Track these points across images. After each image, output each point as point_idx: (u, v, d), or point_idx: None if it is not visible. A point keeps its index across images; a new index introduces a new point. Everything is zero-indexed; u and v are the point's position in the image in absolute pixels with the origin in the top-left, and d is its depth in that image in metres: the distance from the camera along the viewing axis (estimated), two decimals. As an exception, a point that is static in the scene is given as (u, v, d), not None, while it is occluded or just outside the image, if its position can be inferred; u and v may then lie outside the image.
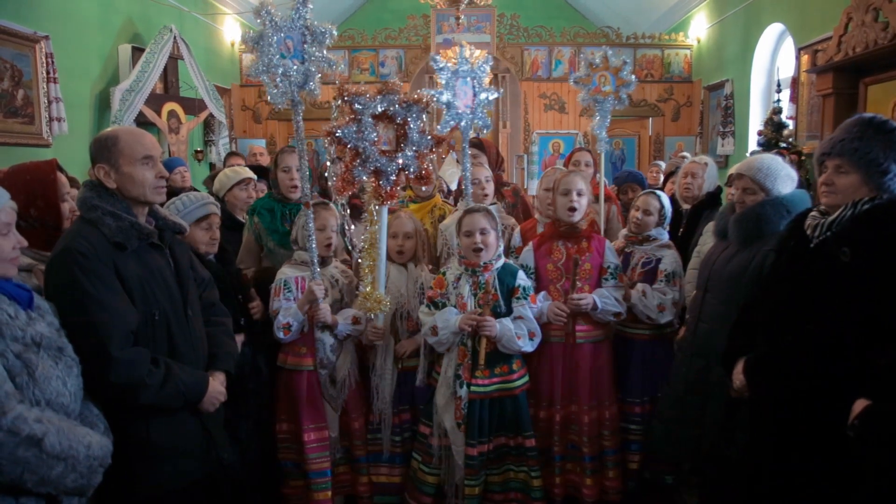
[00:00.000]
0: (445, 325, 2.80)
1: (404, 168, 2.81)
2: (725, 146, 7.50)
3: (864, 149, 2.01)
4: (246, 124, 9.03)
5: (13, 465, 1.56)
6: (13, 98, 4.62)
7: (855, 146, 2.02)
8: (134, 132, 2.12)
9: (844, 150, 2.05)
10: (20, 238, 1.75)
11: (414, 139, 2.79)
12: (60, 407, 1.71)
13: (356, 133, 2.68)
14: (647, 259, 3.28)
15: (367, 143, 2.71)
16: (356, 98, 2.66)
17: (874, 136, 2.02)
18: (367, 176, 2.77)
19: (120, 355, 1.89)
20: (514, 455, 2.97)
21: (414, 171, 2.84)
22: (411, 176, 2.86)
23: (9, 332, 1.63)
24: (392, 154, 2.78)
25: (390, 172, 2.78)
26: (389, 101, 2.72)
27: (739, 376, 2.31)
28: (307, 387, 2.90)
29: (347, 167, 2.72)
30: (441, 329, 2.80)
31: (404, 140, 2.79)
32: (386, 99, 2.71)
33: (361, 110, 2.67)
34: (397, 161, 2.78)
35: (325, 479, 2.92)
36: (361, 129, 2.68)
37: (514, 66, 8.93)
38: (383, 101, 2.70)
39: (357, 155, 2.72)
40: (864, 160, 2.01)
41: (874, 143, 2.01)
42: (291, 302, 2.83)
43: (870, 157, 2.00)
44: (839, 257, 2.00)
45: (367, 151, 2.71)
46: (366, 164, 2.73)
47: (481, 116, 3.24)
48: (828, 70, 4.77)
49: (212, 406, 2.18)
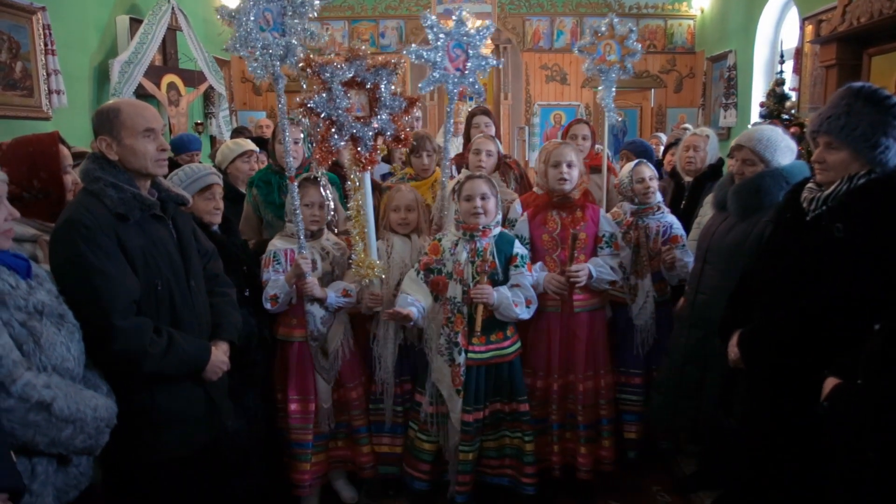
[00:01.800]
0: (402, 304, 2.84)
1: (381, 132, 2.81)
2: (728, 118, 7.47)
3: (851, 125, 1.99)
4: (246, 96, 8.99)
5: (25, 429, 1.62)
6: (11, 70, 4.60)
7: (842, 123, 2.00)
8: (136, 104, 2.12)
9: (832, 128, 2.03)
10: (12, 210, 1.76)
11: (386, 102, 2.78)
12: (66, 372, 1.76)
13: (328, 102, 2.66)
14: (663, 227, 3.31)
15: (341, 111, 2.69)
16: (324, 67, 2.63)
17: (862, 110, 2.00)
18: (345, 143, 2.76)
19: (122, 324, 1.92)
20: (508, 421, 3.00)
21: (391, 134, 2.83)
22: (388, 139, 2.85)
23: (12, 302, 1.67)
24: (367, 119, 2.77)
25: (367, 138, 2.77)
26: (357, 66, 2.70)
27: (734, 349, 2.34)
28: (297, 358, 2.93)
29: (324, 137, 2.71)
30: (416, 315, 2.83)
31: (377, 104, 2.78)
32: (353, 65, 2.69)
33: (330, 79, 2.64)
34: (373, 125, 2.77)
35: (306, 450, 2.95)
36: (333, 98, 2.66)
37: (516, 36, 8.85)
38: (351, 68, 2.68)
39: (332, 124, 2.70)
40: (851, 136, 1.99)
41: (862, 117, 1.99)
42: (280, 274, 2.85)
43: (857, 133, 1.98)
44: (833, 233, 2.00)
45: (342, 119, 2.70)
46: (342, 131, 2.72)
47: (473, 82, 3.19)
48: (831, 41, 4.73)
49: (215, 375, 2.22)
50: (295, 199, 2.78)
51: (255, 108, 8.89)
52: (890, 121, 1.97)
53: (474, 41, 3.13)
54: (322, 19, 8.66)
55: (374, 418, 3.11)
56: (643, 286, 3.25)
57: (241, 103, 8.85)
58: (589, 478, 3.13)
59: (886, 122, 1.97)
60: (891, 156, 1.99)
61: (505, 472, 3.07)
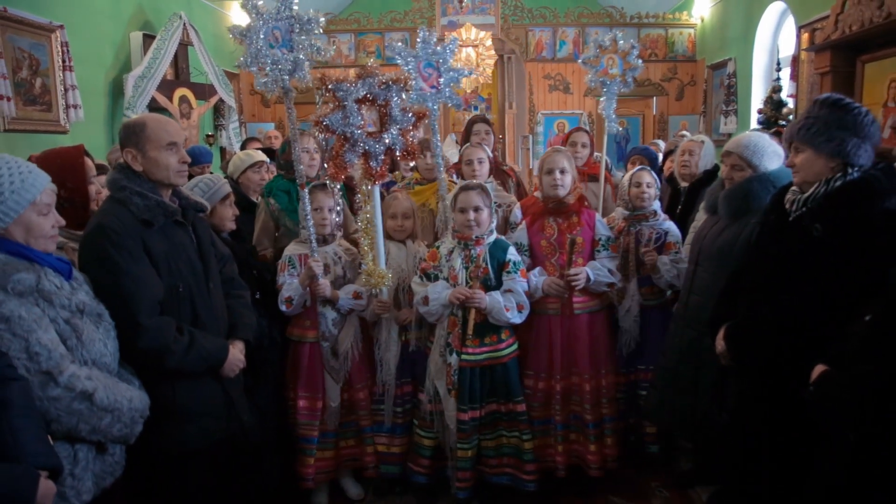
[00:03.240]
0: (437, 297, 2.93)
1: (391, 147, 2.95)
2: (728, 125, 7.57)
3: (807, 125, 2.16)
4: (255, 108, 9.16)
5: (70, 417, 1.78)
6: (31, 86, 4.77)
7: (799, 126, 2.18)
8: (160, 120, 2.27)
9: (794, 133, 2.21)
10: (59, 217, 1.93)
11: (396, 118, 2.93)
12: (104, 366, 1.93)
13: (342, 120, 2.82)
14: (657, 234, 3.38)
15: (354, 128, 2.84)
16: (338, 85, 2.79)
17: (819, 113, 2.17)
18: (357, 158, 2.90)
19: (148, 323, 2.07)
20: (505, 420, 3.09)
21: (401, 149, 2.98)
22: (398, 154, 2.99)
23: (57, 301, 1.84)
24: (377, 135, 2.92)
25: (378, 153, 2.92)
26: (369, 84, 2.85)
27: (721, 342, 2.45)
28: (308, 357, 3.06)
29: (337, 153, 2.86)
30: (432, 300, 2.93)
31: (388, 119, 2.93)
32: (366, 83, 2.84)
33: (344, 96, 2.80)
34: (384, 141, 2.92)
35: (311, 445, 3.08)
36: (346, 115, 2.81)
37: (519, 46, 9.00)
38: (364, 85, 2.83)
39: (346, 140, 2.85)
40: (808, 135, 2.16)
41: (819, 118, 2.15)
42: (294, 277, 2.99)
43: (813, 132, 2.15)
44: (812, 232, 2.12)
45: (355, 136, 2.85)
46: (355, 147, 2.87)
47: (450, 96, 3.32)
48: (825, 48, 4.83)
49: (232, 372, 2.35)
50: (306, 205, 2.92)
51: (264, 119, 9.05)
52: (843, 116, 2.12)
53: (443, 57, 3.27)
54: (329, 32, 8.83)
55: (376, 418, 3.22)
56: (629, 290, 3.34)
57: (250, 115, 9.02)
58: (600, 474, 3.19)
59: (840, 117, 2.13)
60: (852, 149, 2.12)
61: (505, 470, 3.15)
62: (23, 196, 1.80)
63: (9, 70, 4.45)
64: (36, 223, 1.84)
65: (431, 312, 2.98)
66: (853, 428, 1.86)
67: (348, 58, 8.98)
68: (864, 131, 2.13)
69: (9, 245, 1.80)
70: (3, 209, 1.77)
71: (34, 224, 1.83)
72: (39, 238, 1.85)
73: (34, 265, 1.82)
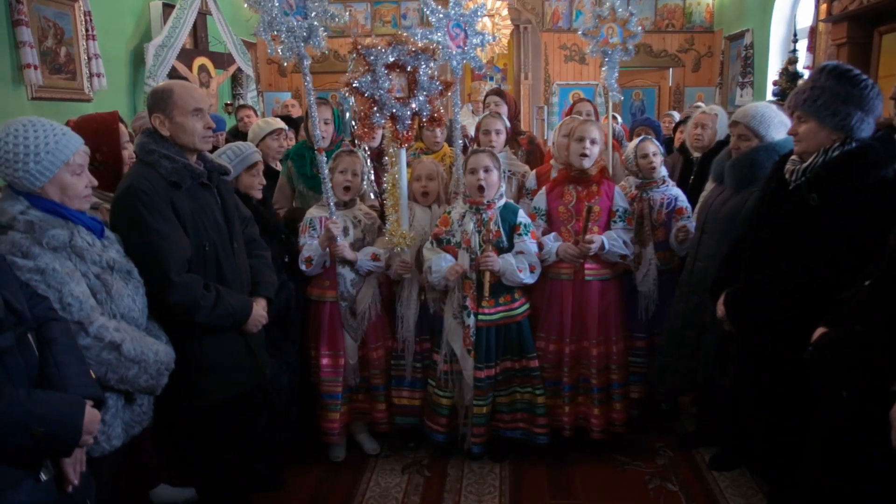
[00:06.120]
0: (438, 270, 3.06)
1: (418, 112, 3.06)
2: (745, 96, 7.53)
3: (813, 97, 2.18)
4: (272, 77, 9.22)
5: (99, 366, 1.91)
6: (56, 55, 4.89)
7: (806, 96, 2.20)
8: (186, 86, 2.37)
9: (799, 102, 2.23)
10: (91, 178, 2.04)
11: (424, 85, 3.03)
12: (132, 320, 2.05)
13: (371, 83, 2.92)
14: (668, 200, 3.45)
15: (383, 91, 2.94)
16: (369, 50, 2.89)
17: (825, 83, 2.17)
18: (385, 121, 3.01)
19: (178, 279, 2.19)
20: (519, 377, 3.23)
21: (427, 114, 3.09)
22: (424, 119, 3.11)
23: (89, 257, 1.95)
24: (405, 100, 3.03)
25: (405, 117, 3.03)
26: (400, 51, 2.94)
27: (721, 307, 2.53)
28: (328, 317, 3.19)
29: (366, 114, 2.96)
30: (434, 273, 3.06)
31: (415, 86, 3.03)
32: (396, 49, 2.94)
33: (374, 61, 2.90)
34: (411, 106, 3.03)
35: (336, 401, 3.22)
36: (376, 79, 2.91)
37: (535, 17, 8.96)
38: (394, 52, 2.93)
39: (374, 103, 2.96)
40: (814, 107, 2.18)
41: (825, 90, 2.17)
42: (314, 239, 3.12)
43: (819, 104, 2.16)
44: (809, 201, 2.18)
45: (383, 99, 2.95)
46: (383, 110, 2.97)
47: (473, 57, 3.38)
48: (842, 19, 4.81)
49: (255, 327, 2.48)
50: (323, 168, 3.03)
51: (281, 88, 9.12)
52: (850, 90, 2.14)
53: (471, 20, 3.33)
54: (345, 1, 8.84)
55: (396, 373, 3.35)
56: (646, 254, 3.41)
57: (266, 84, 9.09)
58: (602, 437, 3.31)
59: (848, 91, 2.14)
60: (856, 123, 2.15)
61: (518, 425, 3.28)
62: (57, 157, 1.89)
63: (35, 39, 4.56)
64: (70, 183, 1.93)
65: (433, 282, 3.11)
66: (847, 386, 1.91)
67: (364, 27, 8.98)
68: (868, 105, 2.15)
69: (45, 203, 1.91)
70: (38, 169, 1.87)
71: (68, 184, 1.93)
72: (74, 198, 1.96)
73: (68, 223, 1.93)
